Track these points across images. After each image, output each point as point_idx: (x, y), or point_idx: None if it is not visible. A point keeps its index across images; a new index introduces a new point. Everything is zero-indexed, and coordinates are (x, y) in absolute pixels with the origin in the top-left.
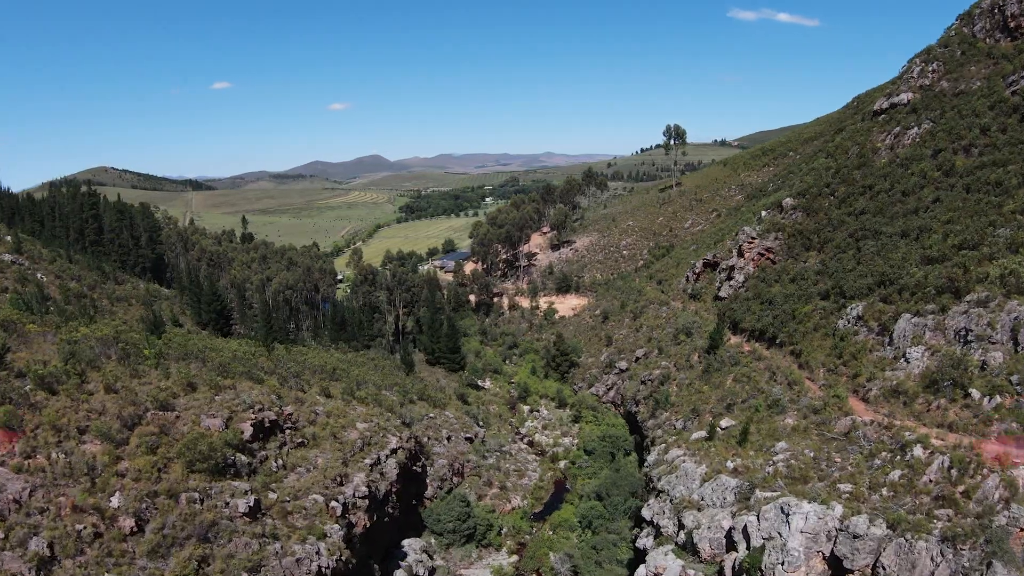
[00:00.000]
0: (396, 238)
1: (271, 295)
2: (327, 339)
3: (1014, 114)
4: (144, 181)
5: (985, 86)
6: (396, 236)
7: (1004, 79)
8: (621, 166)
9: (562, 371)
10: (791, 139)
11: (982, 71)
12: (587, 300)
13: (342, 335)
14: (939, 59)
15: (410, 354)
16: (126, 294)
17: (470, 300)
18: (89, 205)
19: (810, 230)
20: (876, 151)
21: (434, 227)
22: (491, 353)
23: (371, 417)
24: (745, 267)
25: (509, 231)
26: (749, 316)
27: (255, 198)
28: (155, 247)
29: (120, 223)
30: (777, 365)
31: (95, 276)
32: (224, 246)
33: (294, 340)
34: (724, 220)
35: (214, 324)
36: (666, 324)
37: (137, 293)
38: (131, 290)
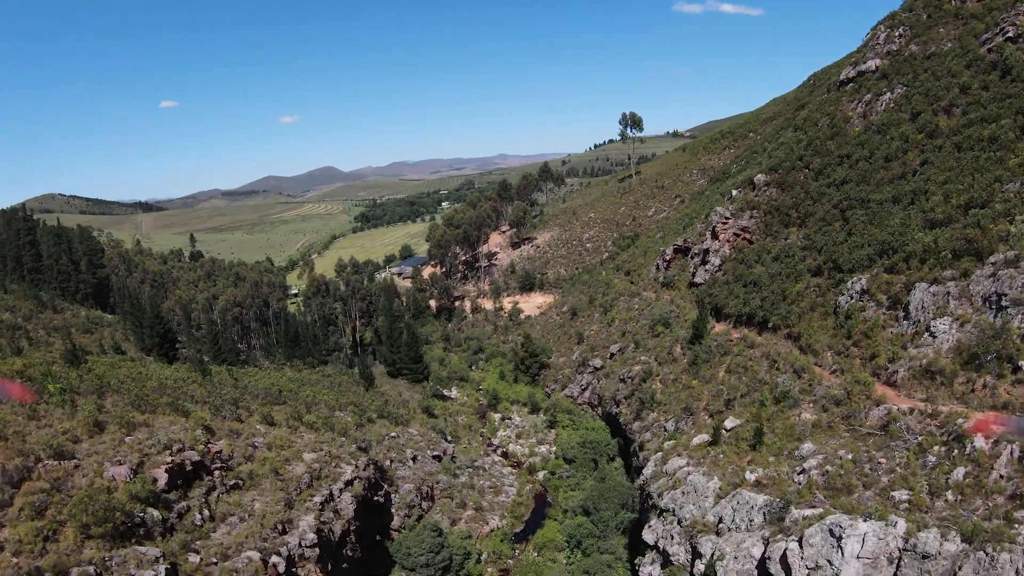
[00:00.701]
0: (352, 248)
1: (219, 313)
2: (280, 357)
3: (993, 71)
4: (93, 206)
5: (957, 46)
6: (352, 246)
7: (976, 38)
8: (575, 163)
9: (532, 374)
10: (749, 120)
11: (951, 32)
12: (553, 297)
13: (296, 352)
14: (905, 24)
15: (369, 367)
16: (65, 323)
17: (430, 306)
18: (26, 231)
19: (787, 205)
20: (848, 120)
21: (391, 234)
22: (456, 360)
23: (321, 445)
24: (721, 249)
25: (466, 231)
26: (733, 301)
27: (207, 216)
28: (96, 271)
29: (58, 248)
30: (777, 352)
31: (31, 306)
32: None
33: (245, 360)
34: (689, 205)
35: (158, 349)
36: (640, 316)
37: (77, 321)
38: (71, 318)
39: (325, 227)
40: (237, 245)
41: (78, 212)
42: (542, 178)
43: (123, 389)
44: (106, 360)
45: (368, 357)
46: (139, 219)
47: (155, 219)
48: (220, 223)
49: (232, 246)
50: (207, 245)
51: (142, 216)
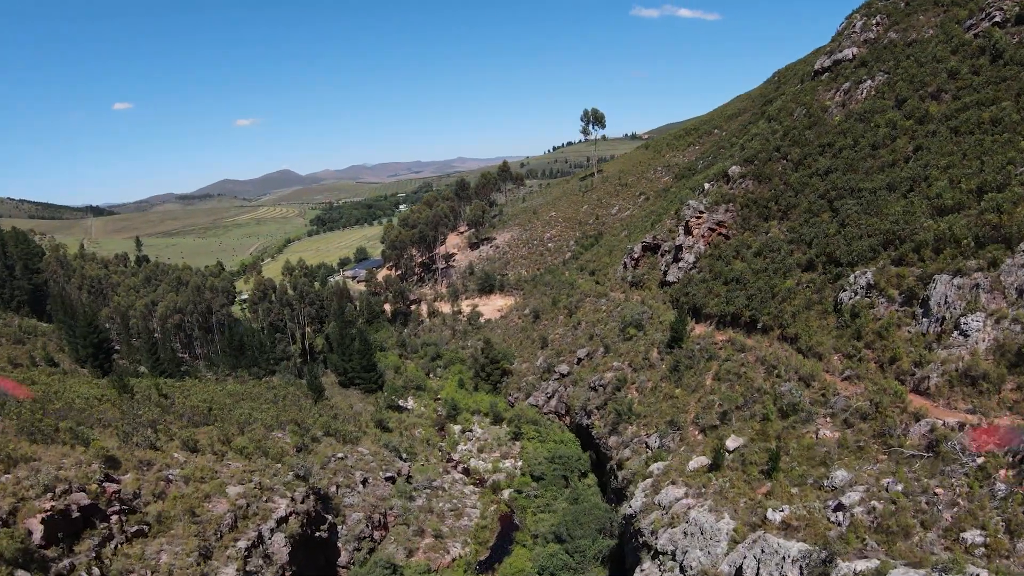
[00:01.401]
0: (307, 251)
1: (158, 321)
2: (223, 368)
3: (982, 55)
4: (43, 210)
5: (940, 33)
6: (307, 249)
7: (960, 24)
8: (534, 165)
9: (493, 381)
10: (713, 117)
11: (931, 19)
12: (514, 299)
13: (242, 361)
14: (882, 12)
15: (318, 377)
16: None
17: (385, 310)
18: None
19: (766, 198)
20: (826, 109)
21: (347, 237)
22: (412, 367)
23: (251, 475)
24: (695, 245)
25: (422, 231)
26: (713, 300)
27: (159, 220)
28: (32, 277)
29: None
30: (774, 355)
31: None
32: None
33: (186, 372)
34: (654, 202)
35: (92, 360)
36: (608, 318)
37: (9, 331)
38: (1, 328)
39: (280, 231)
40: (188, 249)
41: (27, 216)
42: (501, 178)
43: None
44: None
45: (319, 366)
46: (89, 223)
47: (105, 223)
48: (172, 227)
49: (183, 251)
50: (157, 250)
51: (92, 220)
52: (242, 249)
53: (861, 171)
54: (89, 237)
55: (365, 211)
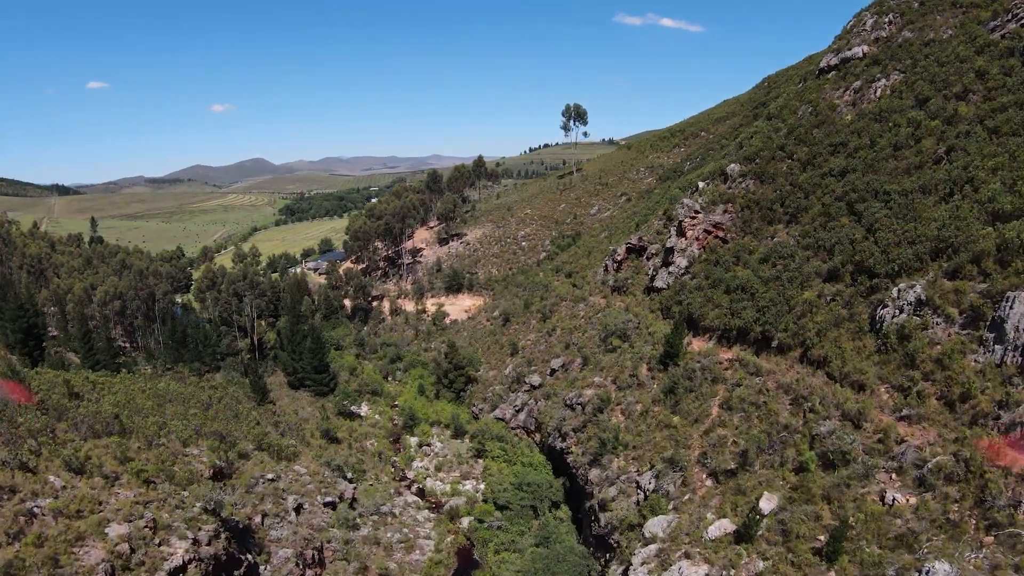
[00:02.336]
0: (272, 240)
1: (97, 306)
2: (162, 361)
3: (1011, 56)
4: (7, 187)
5: (961, 33)
6: (273, 239)
7: (983, 25)
8: (510, 165)
9: (457, 389)
10: (700, 120)
11: (949, 20)
12: (483, 300)
13: (184, 355)
14: (895, 10)
15: (262, 377)
16: None
17: (345, 306)
18: None
19: (770, 199)
20: (834, 108)
21: (314, 228)
22: (369, 369)
23: (145, 508)
24: (688, 248)
25: (389, 223)
26: (714, 311)
27: (124, 203)
28: None
29: None
30: (802, 383)
31: None
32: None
33: (121, 364)
34: (637, 203)
35: (21, 347)
36: (587, 325)
37: None
38: None
39: (247, 218)
40: (151, 233)
41: None
42: (476, 173)
43: None
44: None
45: (268, 364)
46: (52, 202)
47: (69, 203)
48: (137, 210)
49: (145, 234)
50: (118, 232)
51: (56, 199)
52: (206, 235)
53: (884, 172)
54: (50, 216)
55: (336, 203)
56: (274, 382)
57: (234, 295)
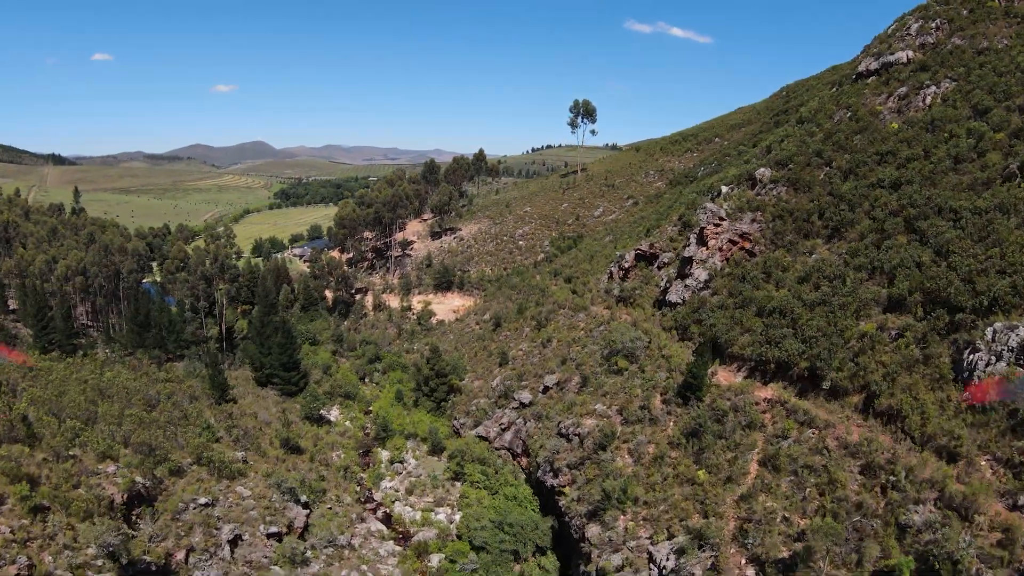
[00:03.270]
0: (264, 224)
1: (56, 282)
2: (126, 345)
3: None
4: (2, 153)
5: (1018, 43)
6: (264, 222)
7: None
8: (511, 164)
9: (438, 399)
10: (713, 126)
11: (1003, 29)
12: (473, 300)
13: (146, 340)
14: (941, 16)
15: (222, 372)
16: None
17: (326, 297)
18: None
19: (806, 209)
20: (876, 114)
21: (308, 215)
22: (345, 368)
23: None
24: (710, 260)
25: (379, 212)
26: (743, 336)
27: (118, 176)
28: None
29: None
30: (880, 446)
31: None
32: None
33: (76, 347)
34: (645, 208)
35: None
36: (587, 339)
37: None
38: None
39: (241, 200)
40: (141, 209)
41: None
42: (476, 167)
43: None
44: None
45: (237, 356)
46: (45, 172)
47: (63, 173)
48: (130, 184)
49: (134, 209)
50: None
51: (50, 169)
52: (197, 215)
53: (945, 187)
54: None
55: (333, 191)
56: (240, 376)
57: (202, 279)
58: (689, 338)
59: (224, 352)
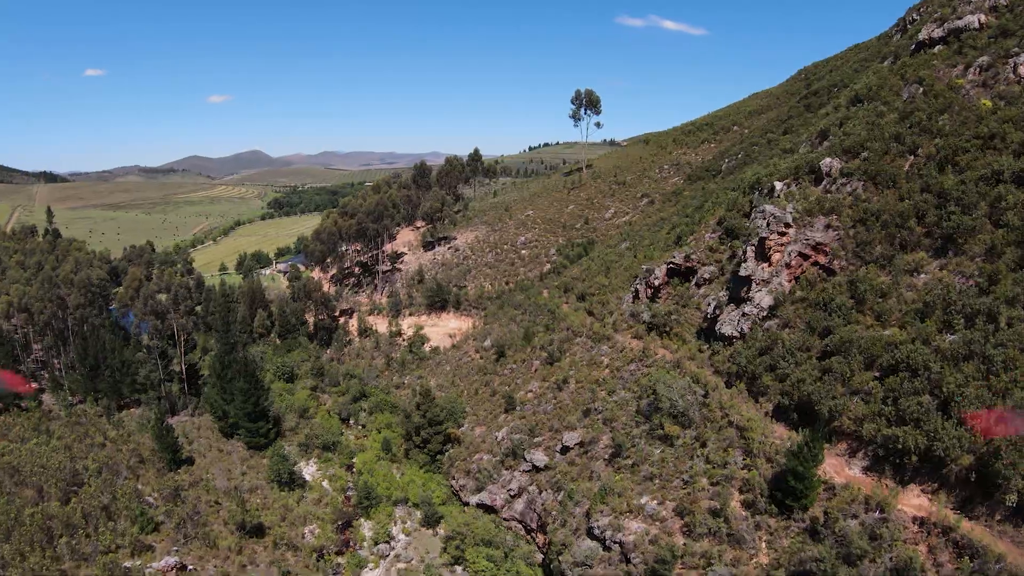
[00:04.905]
0: (254, 236)
1: None
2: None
3: None
4: None
5: None
6: (255, 234)
7: None
8: (509, 163)
9: (432, 451)
10: (729, 113)
11: None
12: (472, 322)
13: (98, 384)
14: None
15: (171, 432)
16: None
17: (307, 320)
18: None
19: (899, 212)
20: (956, 89)
21: (300, 224)
22: (324, 412)
23: None
24: (774, 279)
25: (362, 222)
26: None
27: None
28: None
29: None
30: None
31: None
32: None
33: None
34: (663, 208)
35: None
36: (614, 380)
37: None
38: None
39: (234, 211)
40: (128, 225)
41: None
42: (471, 168)
43: None
44: None
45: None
46: (35, 190)
47: (52, 191)
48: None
49: (121, 226)
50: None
51: (39, 187)
52: (186, 228)
53: None
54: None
55: (328, 197)
56: (204, 425)
57: (152, 313)
58: (761, 392)
59: (186, 395)
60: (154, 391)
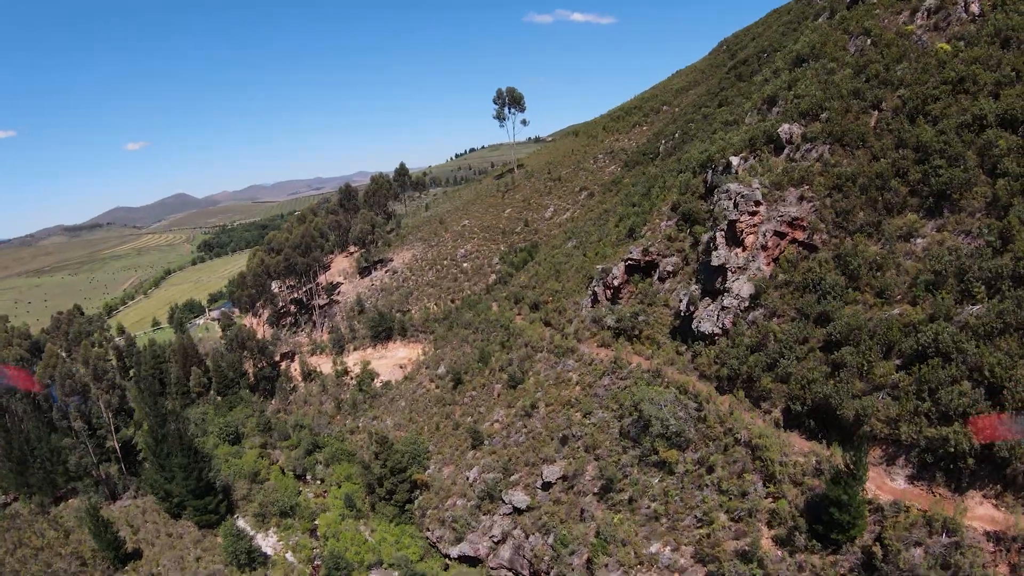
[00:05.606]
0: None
1: None
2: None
3: None
4: None
5: None
6: (186, 281)
7: None
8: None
9: (399, 501)
10: (657, 93)
11: None
12: (422, 348)
13: (30, 479)
14: None
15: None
16: None
17: (247, 372)
18: None
19: (878, 173)
20: (907, 36)
21: (232, 264)
22: (277, 471)
23: None
24: (751, 264)
25: (289, 257)
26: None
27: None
28: None
29: None
30: None
31: None
32: None
33: None
34: (604, 199)
35: None
36: (589, 400)
37: None
38: None
39: (163, 260)
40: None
41: None
42: (399, 183)
43: None
44: None
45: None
46: None
47: None
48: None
49: (47, 292)
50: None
51: None
52: (115, 285)
53: None
54: None
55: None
56: (150, 507)
57: (73, 393)
58: (762, 396)
59: (126, 476)
60: (89, 477)
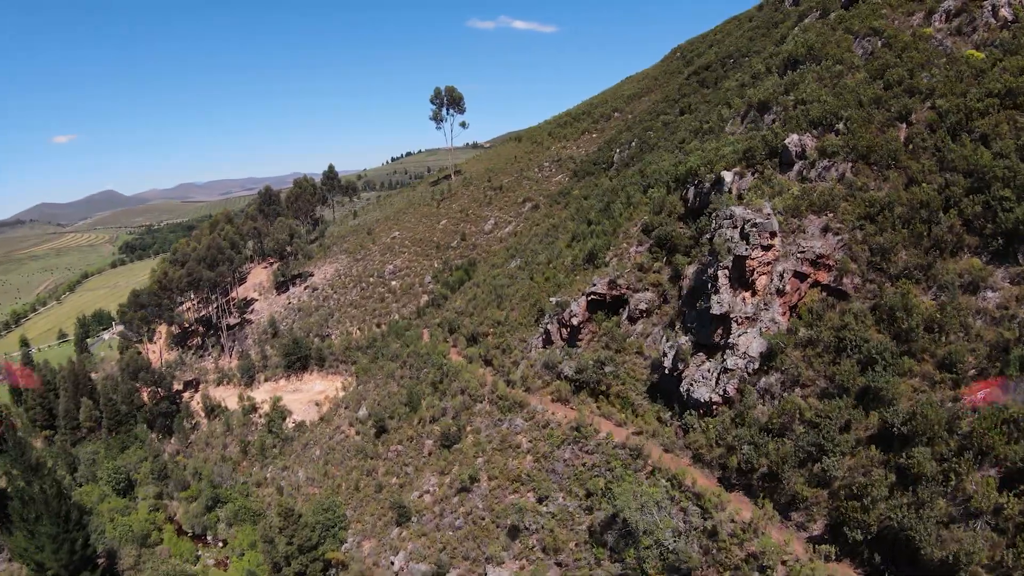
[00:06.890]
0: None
1: None
2: None
3: None
4: None
5: None
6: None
7: None
8: (372, 177)
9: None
10: (607, 99)
11: None
12: (342, 381)
13: None
14: None
15: None
16: None
17: (144, 404)
18: None
19: (920, 201)
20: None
21: None
22: (172, 531)
23: None
24: (764, 314)
25: (192, 271)
26: (995, 539)
27: None
28: None
29: None
30: None
31: None
32: None
33: None
34: (551, 213)
35: None
36: (544, 477)
37: None
38: None
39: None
40: None
41: None
42: (327, 187)
43: None
44: None
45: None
46: None
47: None
48: None
49: None
50: None
51: None
52: (29, 288)
53: None
54: None
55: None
56: None
57: None
58: (791, 504)
59: None
60: None
